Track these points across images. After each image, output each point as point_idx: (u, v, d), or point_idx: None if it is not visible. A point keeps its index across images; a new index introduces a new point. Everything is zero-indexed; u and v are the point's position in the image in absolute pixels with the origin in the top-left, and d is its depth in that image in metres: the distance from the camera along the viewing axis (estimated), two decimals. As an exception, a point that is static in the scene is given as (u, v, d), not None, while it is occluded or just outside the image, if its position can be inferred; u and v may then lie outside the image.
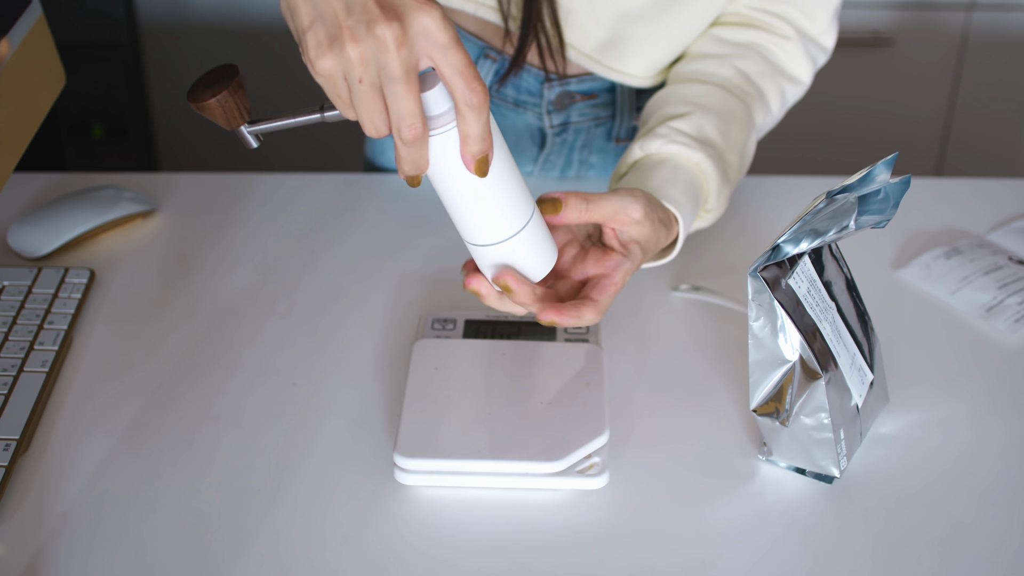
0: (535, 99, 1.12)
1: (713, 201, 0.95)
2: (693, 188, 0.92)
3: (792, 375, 0.79)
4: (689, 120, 0.95)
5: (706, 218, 0.97)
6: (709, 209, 0.95)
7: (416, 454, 0.80)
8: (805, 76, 1.06)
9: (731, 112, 0.98)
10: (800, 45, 1.04)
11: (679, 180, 0.91)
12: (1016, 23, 1.93)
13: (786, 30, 1.04)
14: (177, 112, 2.11)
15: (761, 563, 0.77)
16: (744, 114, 0.99)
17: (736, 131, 0.98)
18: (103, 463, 0.83)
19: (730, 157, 0.96)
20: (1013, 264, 1.03)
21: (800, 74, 1.05)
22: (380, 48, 0.66)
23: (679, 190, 0.90)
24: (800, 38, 1.04)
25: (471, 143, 0.71)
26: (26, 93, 1.01)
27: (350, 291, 1.01)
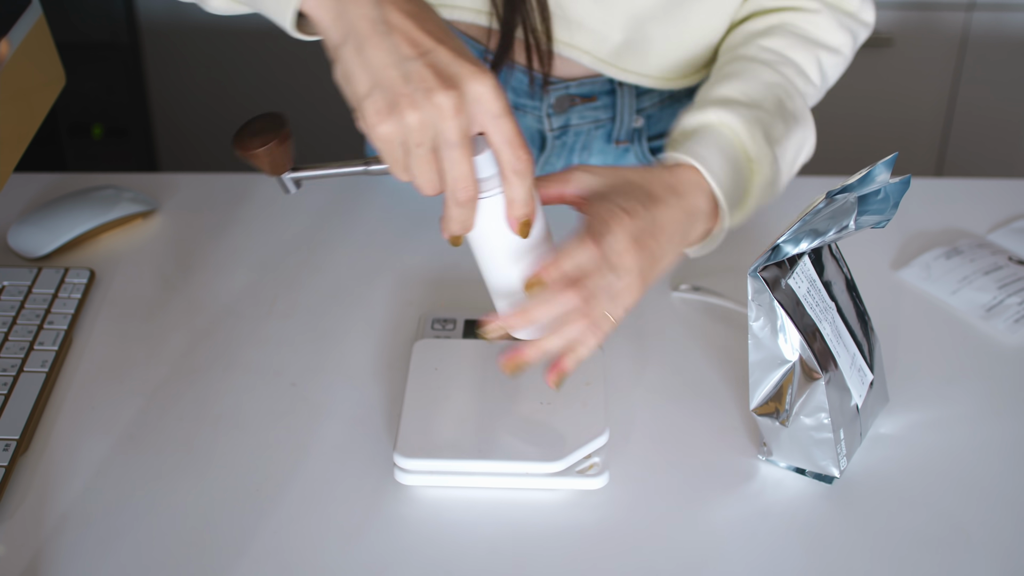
0: (535, 102, 1.12)
1: (751, 145, 0.89)
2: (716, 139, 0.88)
3: (792, 375, 0.79)
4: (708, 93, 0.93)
5: (759, 170, 0.90)
6: (754, 158, 0.90)
7: (416, 454, 0.80)
8: (844, 47, 1.03)
9: (756, 76, 0.95)
10: (831, 16, 1.02)
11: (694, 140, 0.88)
12: (1016, 23, 1.93)
13: (812, 5, 1.02)
14: (177, 112, 2.11)
15: (761, 563, 0.77)
16: (774, 78, 0.96)
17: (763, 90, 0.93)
18: (103, 463, 0.83)
19: (763, 104, 0.92)
20: (1013, 264, 1.03)
21: (837, 44, 1.02)
22: (439, 115, 0.69)
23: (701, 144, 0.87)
24: (829, 10, 1.02)
25: (516, 207, 0.74)
26: (26, 93, 1.01)
27: (350, 291, 1.01)
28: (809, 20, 1.02)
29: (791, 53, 0.99)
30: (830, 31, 1.02)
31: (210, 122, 2.12)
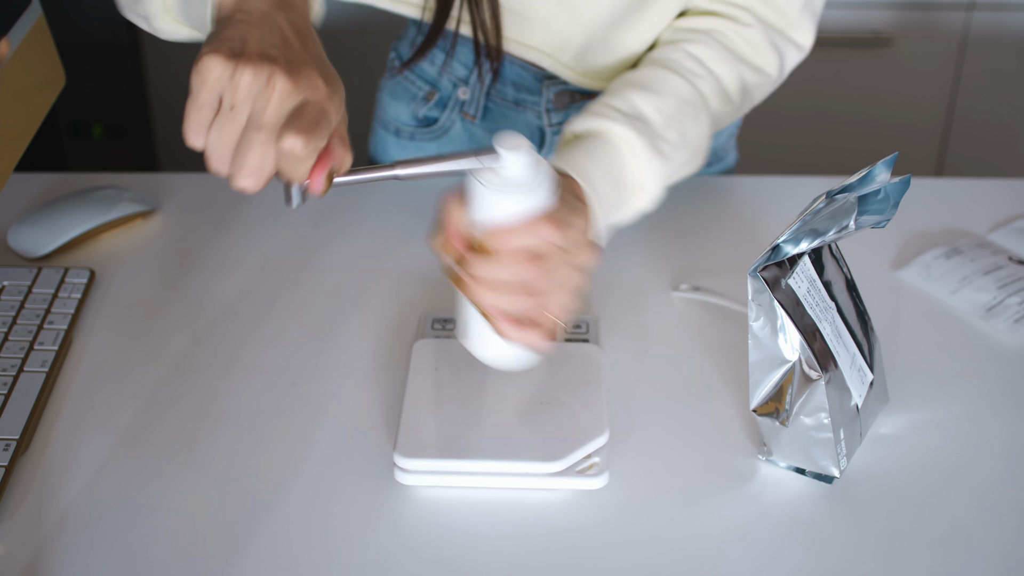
0: (534, 97, 1.12)
1: (648, 178, 0.90)
2: (610, 159, 0.88)
3: (792, 375, 0.79)
4: (622, 97, 0.92)
5: (643, 197, 0.91)
6: (643, 186, 0.90)
7: (416, 454, 0.80)
8: (769, 67, 1.01)
9: (672, 90, 0.94)
10: (762, 34, 1.00)
11: (593, 152, 0.88)
12: (1016, 23, 1.93)
13: (746, 18, 1.00)
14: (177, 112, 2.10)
15: (761, 563, 0.77)
16: (689, 94, 0.95)
17: (674, 107, 0.93)
18: (103, 463, 0.83)
19: (668, 134, 0.92)
20: (1013, 264, 1.03)
21: (763, 64, 1.01)
22: (269, 91, 0.68)
23: (591, 161, 0.87)
24: (762, 26, 1.00)
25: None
26: (26, 93, 1.01)
27: (350, 291, 1.01)
28: (740, 33, 1.00)
29: (715, 66, 0.98)
30: (758, 48, 1.00)
31: (210, 122, 2.12)
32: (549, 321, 0.77)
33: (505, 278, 0.75)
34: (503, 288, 0.75)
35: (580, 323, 0.95)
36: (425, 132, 1.18)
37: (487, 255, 0.75)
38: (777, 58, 1.02)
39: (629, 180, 0.90)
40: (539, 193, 0.75)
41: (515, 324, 0.76)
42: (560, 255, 0.76)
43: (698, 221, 1.10)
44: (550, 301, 0.76)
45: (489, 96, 1.13)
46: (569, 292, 0.77)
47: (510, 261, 0.74)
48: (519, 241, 0.74)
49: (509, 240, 0.74)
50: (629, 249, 1.05)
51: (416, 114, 1.17)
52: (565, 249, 0.76)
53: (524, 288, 0.75)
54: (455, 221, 0.77)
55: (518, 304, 0.75)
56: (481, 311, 0.77)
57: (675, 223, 1.08)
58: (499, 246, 0.75)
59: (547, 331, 0.77)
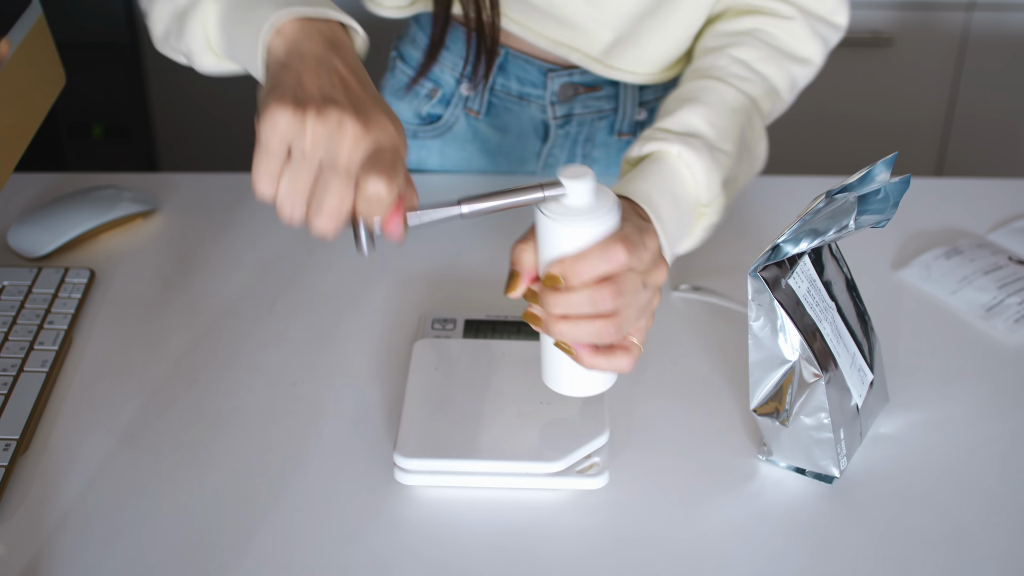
0: (538, 91, 1.12)
1: (705, 191, 0.89)
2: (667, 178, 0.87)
3: (792, 375, 0.79)
4: (673, 117, 0.92)
5: (708, 213, 0.91)
6: (706, 202, 0.90)
7: (416, 454, 0.80)
8: (815, 56, 1.02)
9: (722, 101, 0.94)
10: (805, 24, 1.00)
11: (650, 173, 0.87)
12: (1016, 23, 1.93)
13: (788, 11, 1.00)
14: (177, 112, 2.11)
15: (761, 563, 0.77)
16: (739, 101, 0.95)
17: (728, 119, 0.93)
18: (103, 463, 0.83)
19: (724, 145, 0.92)
20: (1013, 264, 1.03)
21: (809, 54, 1.01)
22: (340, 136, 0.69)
23: (648, 182, 0.86)
24: (804, 17, 1.01)
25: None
26: (26, 93, 1.01)
27: (350, 291, 1.01)
28: (783, 28, 1.00)
29: (762, 67, 0.98)
30: (803, 40, 1.01)
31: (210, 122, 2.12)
32: (628, 342, 0.76)
33: (582, 308, 0.73)
34: (579, 317, 0.74)
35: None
36: (428, 129, 1.18)
37: (560, 287, 0.73)
38: (821, 45, 1.02)
39: (690, 196, 0.89)
40: (606, 219, 0.73)
41: (595, 351, 0.75)
42: (633, 276, 0.74)
43: (698, 221, 1.10)
44: (627, 323, 0.74)
45: (493, 91, 1.13)
46: (644, 311, 0.76)
47: (585, 290, 0.73)
48: (593, 268, 0.72)
49: (582, 269, 0.72)
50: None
51: (419, 112, 1.18)
52: (637, 270, 0.74)
53: (600, 314, 0.74)
54: (526, 263, 0.75)
55: (594, 332, 0.74)
56: (561, 346, 0.76)
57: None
58: (573, 277, 0.73)
59: (628, 351, 0.76)
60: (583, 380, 0.78)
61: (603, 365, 0.75)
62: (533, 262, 0.75)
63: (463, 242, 1.06)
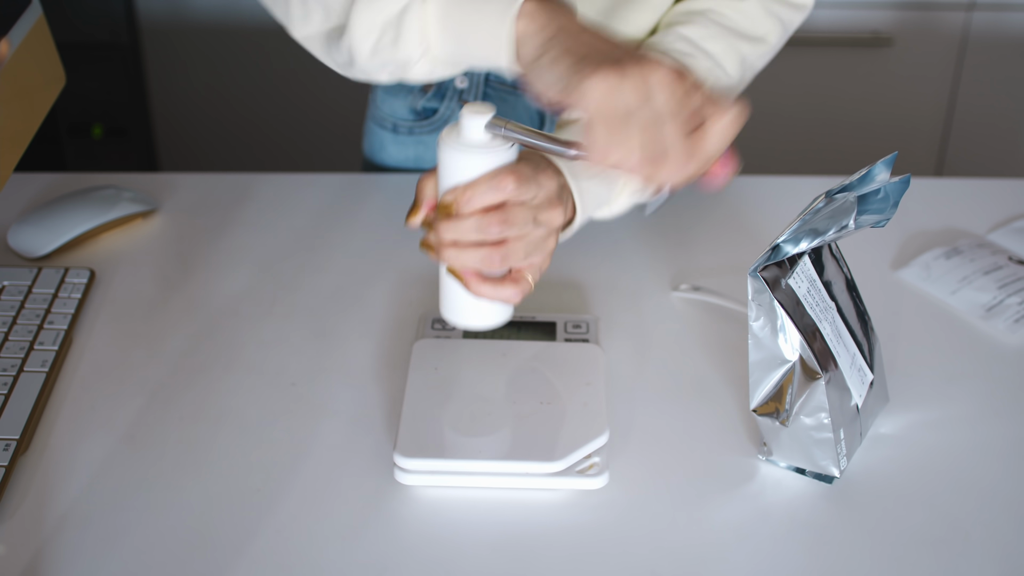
0: None
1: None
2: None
3: (792, 375, 0.79)
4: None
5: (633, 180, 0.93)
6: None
7: (416, 454, 0.80)
8: (770, 35, 1.02)
9: None
10: (757, 4, 1.01)
11: (576, 130, 0.89)
12: (1016, 23, 1.93)
13: None
14: (177, 112, 2.11)
15: (761, 563, 0.77)
16: None
17: None
18: (103, 463, 0.83)
19: None
20: (1013, 264, 1.03)
21: (762, 33, 1.02)
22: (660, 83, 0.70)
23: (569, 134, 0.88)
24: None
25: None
26: (26, 93, 1.01)
27: (350, 291, 1.01)
28: (736, 8, 1.01)
29: (707, 44, 0.98)
30: (756, 20, 1.01)
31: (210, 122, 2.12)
32: (517, 274, 0.80)
33: (468, 235, 0.77)
34: (467, 245, 0.77)
35: (580, 323, 0.95)
36: (424, 125, 1.18)
37: (451, 214, 0.77)
38: (776, 24, 1.03)
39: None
40: (501, 153, 0.77)
41: (483, 280, 0.79)
42: (523, 210, 0.78)
43: (698, 221, 1.10)
44: (514, 253, 0.78)
45: (488, 83, 1.13)
46: (534, 245, 0.79)
47: (473, 217, 0.77)
48: (482, 197, 0.76)
49: (471, 196, 0.76)
50: (629, 249, 1.05)
51: (414, 107, 1.17)
52: (528, 204, 0.78)
53: (488, 243, 0.77)
54: (427, 193, 0.80)
55: (482, 257, 0.77)
56: (451, 272, 0.80)
57: (675, 223, 1.08)
58: (463, 204, 0.77)
59: (516, 284, 0.79)
60: (475, 310, 0.82)
61: (489, 293, 0.79)
62: (434, 193, 0.80)
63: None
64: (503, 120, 0.77)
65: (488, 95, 1.14)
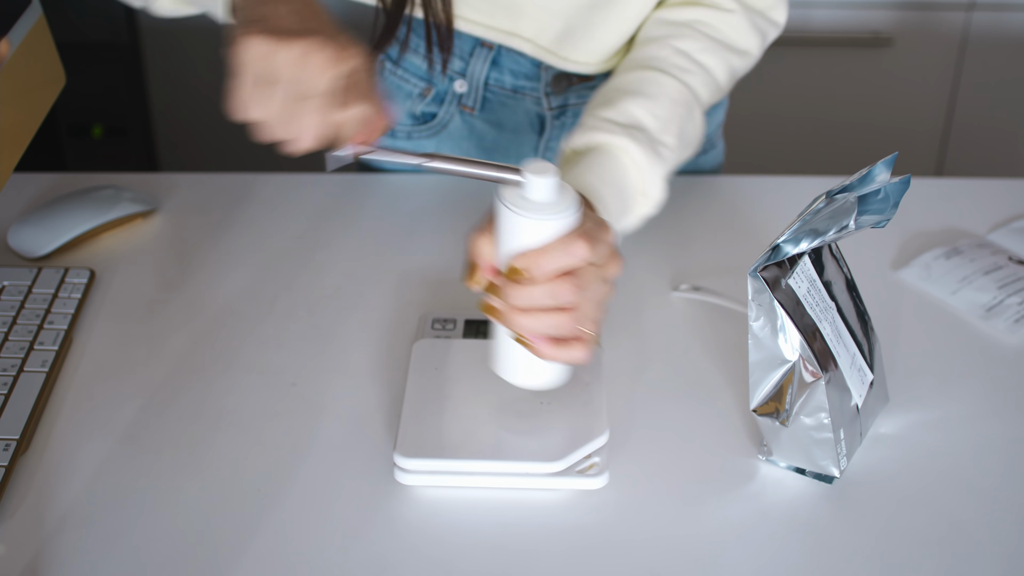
0: (532, 83, 1.12)
1: (649, 186, 0.92)
2: (613, 172, 0.90)
3: (792, 375, 0.79)
4: (617, 108, 0.94)
5: (647, 204, 0.93)
6: (647, 193, 0.92)
7: (416, 454, 0.80)
8: (754, 48, 1.04)
9: (664, 93, 0.96)
10: (745, 18, 1.03)
11: (596, 166, 0.90)
12: (1016, 23, 1.93)
13: (728, 4, 1.02)
14: (177, 112, 2.11)
15: (761, 563, 0.77)
16: (680, 93, 0.97)
17: (670, 111, 0.95)
18: (103, 463, 0.83)
19: (666, 138, 0.94)
20: (1013, 264, 1.03)
21: (748, 46, 1.04)
22: (311, 62, 0.72)
23: (595, 175, 0.89)
24: (744, 11, 1.03)
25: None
26: (26, 93, 1.01)
27: (350, 291, 1.01)
28: (724, 21, 1.02)
29: (704, 58, 1.00)
30: (743, 33, 1.03)
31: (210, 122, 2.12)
32: (583, 333, 0.78)
33: (543, 301, 0.75)
34: (540, 310, 0.75)
35: (580, 323, 0.95)
36: (423, 129, 1.18)
37: (522, 280, 0.75)
38: (759, 39, 1.05)
39: (633, 189, 0.92)
40: (568, 214, 0.75)
41: (553, 343, 0.77)
42: (592, 271, 0.76)
43: (698, 221, 1.10)
44: (584, 315, 0.77)
45: (487, 86, 1.13)
46: (600, 305, 0.78)
47: (546, 284, 0.75)
48: (555, 262, 0.74)
49: (544, 262, 0.74)
50: (629, 249, 1.05)
51: (413, 111, 1.17)
52: (596, 264, 0.77)
53: (559, 307, 0.75)
54: (485, 254, 0.77)
55: (555, 324, 0.76)
56: (518, 338, 0.77)
57: (675, 223, 1.08)
58: (535, 271, 0.74)
59: (583, 342, 0.78)
60: (539, 372, 0.80)
61: (560, 357, 0.77)
62: (491, 253, 0.77)
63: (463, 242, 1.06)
64: (429, 154, 0.77)
65: (487, 99, 1.14)
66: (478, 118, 1.16)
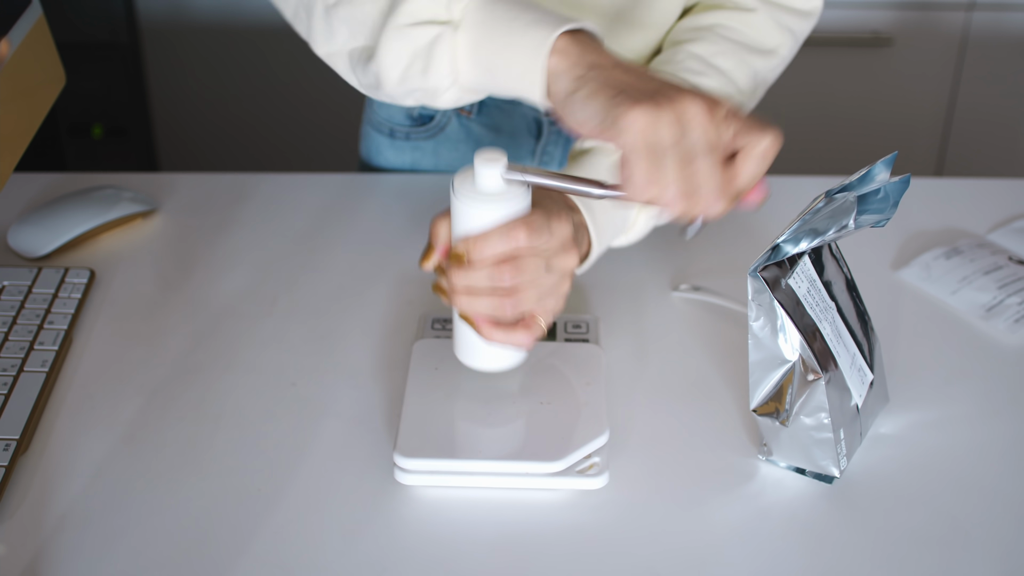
0: None
1: None
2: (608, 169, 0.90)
3: (792, 375, 0.79)
4: None
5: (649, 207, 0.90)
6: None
7: (416, 454, 0.80)
8: (781, 47, 1.01)
9: None
10: (767, 16, 1.00)
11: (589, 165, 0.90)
12: (1016, 23, 1.93)
13: (749, 3, 1.00)
14: (177, 112, 2.11)
15: (761, 563, 0.77)
16: None
17: None
18: (103, 463, 0.83)
19: None
20: (1013, 264, 1.03)
21: (773, 45, 1.01)
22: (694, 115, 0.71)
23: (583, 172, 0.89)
24: (766, 8, 1.00)
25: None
26: (26, 93, 1.01)
27: (350, 291, 1.01)
28: (745, 21, 1.00)
29: (719, 61, 0.98)
30: (766, 32, 1.00)
31: (210, 122, 2.12)
32: (529, 319, 0.80)
33: (480, 283, 0.78)
34: (479, 293, 0.78)
35: (580, 323, 0.95)
36: (421, 131, 1.18)
37: (463, 263, 0.78)
38: (786, 36, 1.02)
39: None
40: (513, 203, 0.77)
41: (495, 326, 0.79)
42: (534, 259, 0.78)
43: (698, 221, 1.10)
44: (527, 301, 0.79)
45: None
46: (546, 292, 0.80)
47: (483, 267, 0.77)
48: (493, 247, 0.77)
49: (482, 247, 0.77)
50: (629, 249, 1.05)
51: (411, 113, 1.17)
52: (540, 253, 0.78)
53: (499, 291, 0.78)
54: (440, 237, 0.80)
55: (493, 306, 0.78)
56: (463, 317, 0.80)
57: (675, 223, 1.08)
58: (474, 253, 0.77)
59: (528, 328, 0.80)
60: (488, 353, 0.82)
61: (502, 339, 0.80)
62: (447, 237, 0.80)
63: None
64: (520, 166, 0.77)
65: (485, 103, 1.14)
66: (475, 122, 1.16)
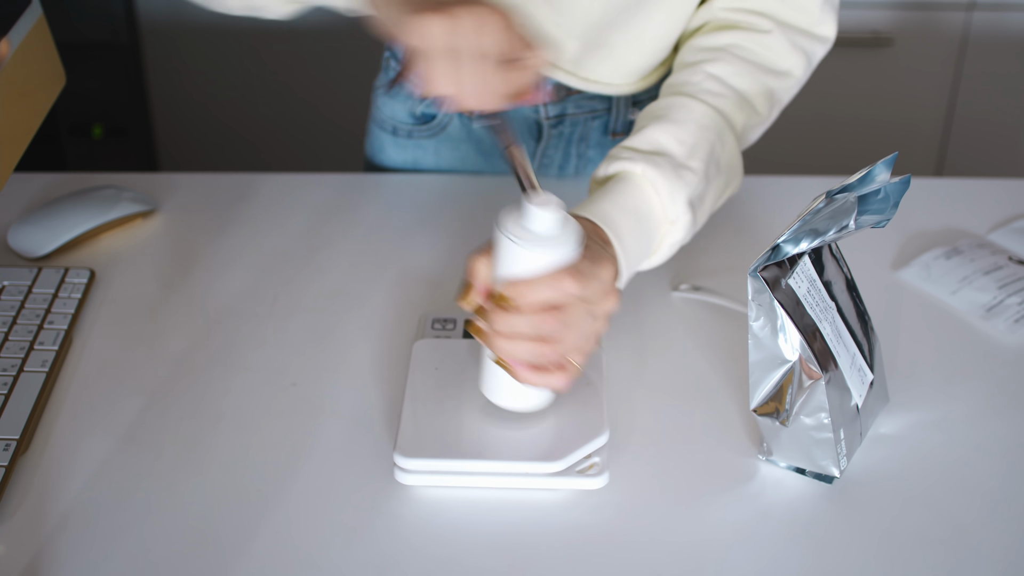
0: None
1: (671, 210, 0.90)
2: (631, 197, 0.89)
3: (792, 375, 0.79)
4: (641, 135, 0.92)
5: (673, 231, 0.91)
6: (672, 220, 0.90)
7: (416, 454, 0.80)
8: (795, 69, 1.01)
9: (692, 118, 0.93)
10: (782, 38, 1.00)
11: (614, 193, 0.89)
12: (1016, 23, 1.93)
13: (764, 24, 0.99)
14: (177, 112, 2.11)
15: (761, 563, 0.77)
16: (709, 118, 0.94)
17: (696, 135, 0.93)
18: (103, 463, 0.83)
19: (692, 163, 0.91)
20: (1013, 264, 1.03)
21: (788, 67, 1.00)
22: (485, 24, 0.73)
23: (610, 201, 0.88)
24: (781, 30, 1.00)
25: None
26: (26, 93, 1.01)
27: (350, 291, 1.01)
28: (760, 42, 0.99)
29: (736, 81, 0.97)
30: (782, 54, 1.00)
31: (210, 122, 2.12)
32: (566, 361, 0.79)
33: (522, 329, 0.76)
34: (521, 338, 0.77)
35: (580, 323, 0.95)
36: (423, 129, 1.18)
37: (507, 308, 0.76)
38: (801, 58, 1.01)
39: (657, 216, 0.90)
40: (564, 249, 0.76)
41: (534, 370, 0.78)
42: (580, 307, 0.77)
43: (698, 221, 1.10)
44: (567, 347, 0.78)
45: None
46: (587, 338, 0.79)
47: (529, 314, 0.76)
48: (540, 295, 0.76)
49: (530, 293, 0.76)
50: (629, 249, 1.05)
51: (413, 112, 1.18)
52: (585, 300, 0.77)
53: (541, 338, 0.77)
54: (480, 276, 0.79)
55: (535, 353, 0.77)
56: (498, 361, 0.79)
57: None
58: (520, 299, 0.76)
59: (564, 371, 0.79)
60: (519, 395, 0.81)
61: (538, 382, 0.79)
62: (487, 276, 0.78)
63: (463, 242, 1.06)
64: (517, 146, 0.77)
65: None
66: (476, 122, 1.16)
